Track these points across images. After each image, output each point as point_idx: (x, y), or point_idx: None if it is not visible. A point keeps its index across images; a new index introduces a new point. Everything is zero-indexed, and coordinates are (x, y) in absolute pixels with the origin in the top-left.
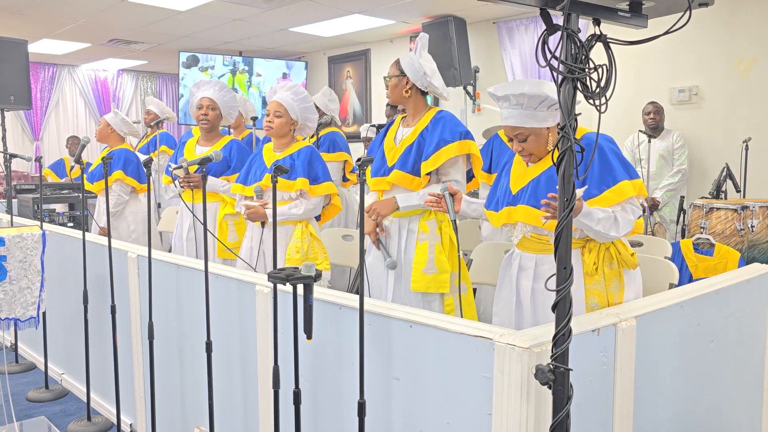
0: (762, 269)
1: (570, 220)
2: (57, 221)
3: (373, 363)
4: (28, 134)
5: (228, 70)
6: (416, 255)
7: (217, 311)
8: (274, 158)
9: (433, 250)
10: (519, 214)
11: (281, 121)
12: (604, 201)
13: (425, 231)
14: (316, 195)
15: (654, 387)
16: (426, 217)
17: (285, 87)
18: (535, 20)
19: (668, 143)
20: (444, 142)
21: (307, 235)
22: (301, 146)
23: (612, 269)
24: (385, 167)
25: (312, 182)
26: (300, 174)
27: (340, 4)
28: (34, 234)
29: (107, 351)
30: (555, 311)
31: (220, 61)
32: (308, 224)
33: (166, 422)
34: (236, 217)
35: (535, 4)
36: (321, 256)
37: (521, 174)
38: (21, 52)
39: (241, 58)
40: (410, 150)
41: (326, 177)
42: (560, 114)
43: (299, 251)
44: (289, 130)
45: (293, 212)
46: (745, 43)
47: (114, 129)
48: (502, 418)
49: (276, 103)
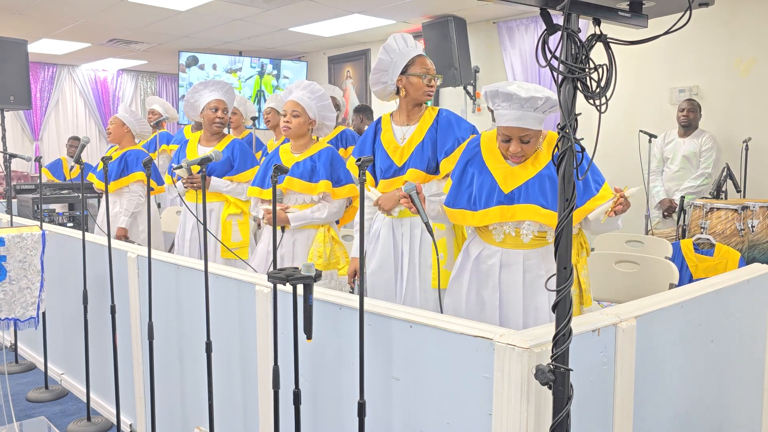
0: (762, 269)
1: (570, 220)
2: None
3: (373, 363)
4: (27, 134)
5: (255, 72)
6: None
7: (217, 311)
8: (294, 160)
9: (452, 246)
10: (526, 212)
11: (299, 120)
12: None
13: (440, 228)
14: (339, 197)
15: (654, 387)
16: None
17: (301, 86)
18: (535, 20)
19: (695, 145)
20: (460, 140)
21: (329, 240)
22: (321, 147)
23: (581, 258)
24: (395, 167)
25: (335, 184)
26: (322, 176)
27: (340, 4)
28: (33, 234)
29: (107, 351)
30: (555, 311)
31: (247, 63)
32: (330, 228)
33: (166, 422)
34: (240, 216)
35: (535, 4)
36: (343, 261)
37: (509, 174)
38: (21, 52)
39: (268, 60)
40: (421, 148)
41: (348, 179)
42: (560, 114)
43: (321, 256)
44: (308, 130)
45: (316, 216)
46: (745, 43)
47: (129, 129)
48: (502, 418)
49: (293, 103)
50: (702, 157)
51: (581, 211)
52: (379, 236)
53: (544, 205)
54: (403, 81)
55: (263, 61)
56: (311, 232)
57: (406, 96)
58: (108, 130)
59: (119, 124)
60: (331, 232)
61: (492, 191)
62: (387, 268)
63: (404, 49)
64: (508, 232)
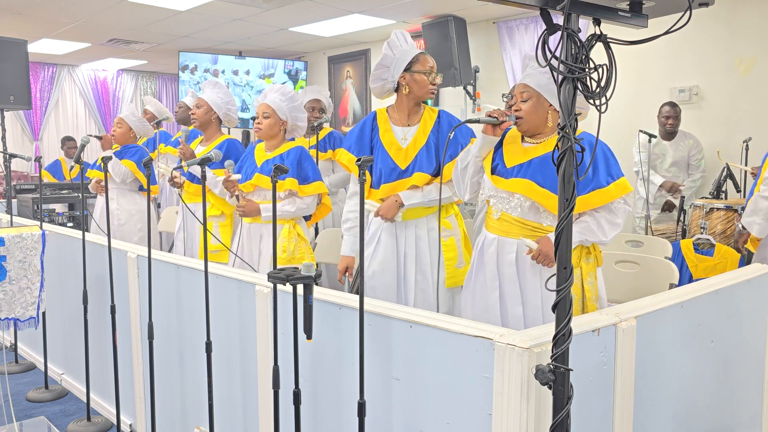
0: (762, 269)
1: (570, 220)
2: (57, 221)
3: (373, 363)
4: (27, 134)
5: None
6: (446, 252)
7: (216, 311)
8: (265, 158)
9: (461, 245)
10: (519, 186)
11: (269, 122)
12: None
13: (448, 227)
14: (306, 195)
15: (654, 387)
16: (446, 214)
17: (274, 89)
18: (535, 20)
19: (683, 151)
20: (464, 145)
21: (294, 236)
22: (291, 146)
23: (589, 264)
24: (398, 170)
25: (302, 182)
26: (288, 174)
27: (340, 4)
28: (33, 234)
29: (107, 351)
30: (555, 311)
31: (280, 68)
32: (296, 224)
33: (166, 422)
34: (222, 218)
35: (535, 4)
36: (308, 257)
37: (519, 152)
38: (21, 52)
39: (302, 63)
40: (425, 152)
41: (316, 177)
42: (560, 114)
43: (285, 251)
44: (279, 131)
45: (285, 209)
46: (745, 42)
47: (134, 131)
48: (502, 418)
49: (264, 105)
50: (692, 160)
51: (583, 200)
52: (380, 239)
53: (540, 183)
54: (407, 78)
55: (297, 66)
56: (279, 227)
57: (409, 93)
58: (113, 132)
59: (127, 128)
60: (297, 229)
61: (497, 164)
62: (389, 271)
63: (406, 46)
64: (504, 210)
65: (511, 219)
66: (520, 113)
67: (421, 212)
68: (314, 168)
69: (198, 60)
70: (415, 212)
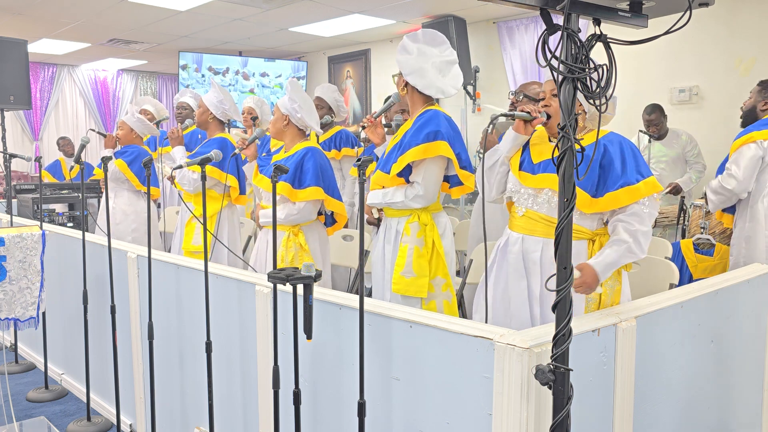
0: (762, 269)
1: (570, 220)
2: (57, 221)
3: (373, 363)
4: (27, 134)
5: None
6: (398, 257)
7: (216, 311)
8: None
9: (412, 254)
10: (545, 181)
11: (272, 120)
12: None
13: (407, 234)
14: (297, 200)
15: (654, 387)
16: (410, 220)
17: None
18: (535, 20)
19: (678, 149)
20: (409, 145)
21: (294, 245)
22: (300, 147)
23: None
24: (379, 166)
25: (295, 186)
26: (285, 177)
27: (340, 4)
28: (33, 234)
29: (107, 351)
30: (555, 311)
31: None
32: (299, 233)
33: (166, 422)
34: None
35: (535, 4)
36: None
37: (546, 149)
38: (21, 52)
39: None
40: (393, 151)
41: (313, 182)
42: (561, 114)
43: (283, 261)
44: (283, 128)
45: (278, 215)
46: (745, 43)
47: (136, 132)
48: (502, 418)
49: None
50: (688, 156)
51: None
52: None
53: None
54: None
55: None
56: (280, 234)
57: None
58: (117, 135)
59: (128, 130)
60: (299, 238)
61: (523, 159)
62: (376, 266)
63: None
64: (530, 207)
65: (536, 216)
66: (550, 110)
67: (392, 213)
68: (315, 172)
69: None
70: (390, 212)
